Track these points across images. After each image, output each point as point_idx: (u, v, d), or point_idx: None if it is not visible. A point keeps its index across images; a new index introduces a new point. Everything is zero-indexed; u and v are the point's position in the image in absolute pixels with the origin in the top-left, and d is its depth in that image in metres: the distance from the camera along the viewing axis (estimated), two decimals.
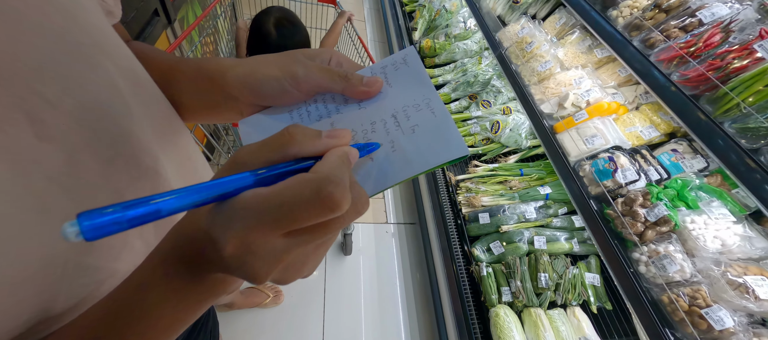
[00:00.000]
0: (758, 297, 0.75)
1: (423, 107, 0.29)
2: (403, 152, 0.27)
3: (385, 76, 0.31)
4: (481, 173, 1.62)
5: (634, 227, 0.96)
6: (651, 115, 1.21)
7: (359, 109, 0.30)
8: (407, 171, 0.26)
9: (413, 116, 0.28)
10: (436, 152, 0.26)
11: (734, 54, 0.81)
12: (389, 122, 0.28)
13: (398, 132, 0.28)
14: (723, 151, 0.79)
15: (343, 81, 0.29)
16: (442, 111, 0.28)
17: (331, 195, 0.18)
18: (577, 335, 1.18)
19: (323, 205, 0.17)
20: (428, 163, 0.26)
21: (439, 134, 0.27)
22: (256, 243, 0.18)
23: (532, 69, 1.44)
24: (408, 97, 0.29)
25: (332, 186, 0.18)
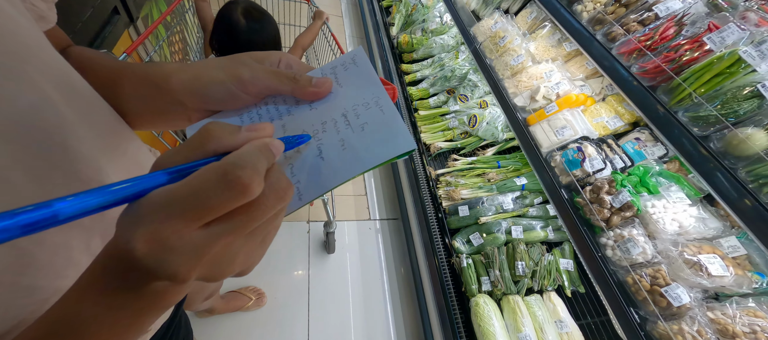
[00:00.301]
0: (711, 274, 0.80)
1: (372, 106, 0.30)
2: (353, 150, 0.28)
3: (335, 76, 0.32)
4: (460, 167, 1.65)
5: (601, 214, 1.01)
6: (616, 106, 1.26)
7: (310, 110, 0.30)
8: (357, 167, 0.27)
9: (363, 115, 0.29)
10: (384, 148, 0.28)
11: (686, 46, 0.86)
12: (340, 121, 0.29)
13: (348, 130, 0.29)
14: (678, 140, 0.84)
15: (291, 82, 0.29)
16: (390, 109, 0.29)
17: (238, 178, 0.18)
18: (553, 319, 1.24)
19: (230, 188, 0.18)
20: (377, 159, 0.27)
21: (388, 131, 0.28)
22: (170, 238, 0.17)
23: (506, 63, 1.48)
24: (358, 97, 0.30)
25: (239, 169, 0.18)
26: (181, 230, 0.18)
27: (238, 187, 0.18)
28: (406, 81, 2.08)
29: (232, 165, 0.18)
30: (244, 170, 0.18)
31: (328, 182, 0.27)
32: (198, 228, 0.18)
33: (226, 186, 0.18)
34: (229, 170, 0.18)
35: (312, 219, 1.81)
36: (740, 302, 0.81)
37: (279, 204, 0.21)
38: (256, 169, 0.19)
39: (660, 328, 0.86)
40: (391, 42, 2.31)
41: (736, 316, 0.78)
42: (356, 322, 1.56)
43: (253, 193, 0.19)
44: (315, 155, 0.28)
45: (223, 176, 0.18)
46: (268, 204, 0.20)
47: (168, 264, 0.18)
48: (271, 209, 0.20)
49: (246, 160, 0.19)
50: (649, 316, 0.89)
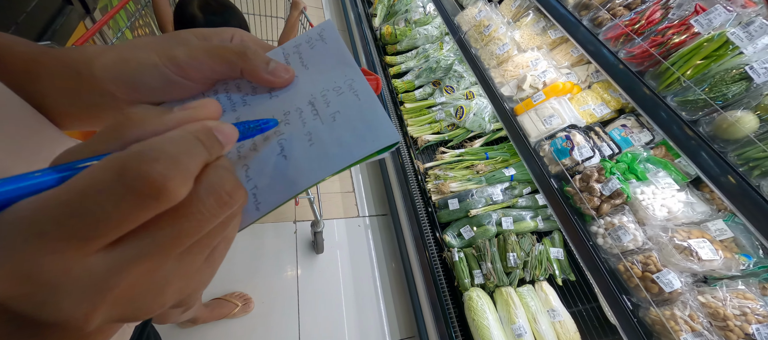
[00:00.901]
0: (701, 258, 0.81)
1: (345, 90, 0.25)
2: (322, 145, 0.23)
3: (299, 56, 0.26)
4: (449, 160, 1.62)
5: (591, 202, 1.00)
6: (602, 93, 1.25)
7: (270, 98, 0.25)
8: (328, 167, 0.22)
9: (334, 102, 0.24)
10: (361, 143, 0.23)
11: (673, 30, 0.85)
12: (306, 111, 0.24)
13: (316, 122, 0.24)
14: (666, 124, 0.83)
15: (240, 60, 0.23)
16: (367, 94, 0.24)
17: (144, 175, 0.13)
18: (546, 308, 1.24)
19: (132, 191, 0.12)
20: (352, 156, 0.22)
21: (365, 121, 0.23)
22: (45, 271, 0.12)
23: (491, 52, 1.45)
24: (327, 80, 0.25)
25: (146, 162, 0.13)
26: (65, 257, 0.12)
27: (144, 189, 0.13)
28: (390, 73, 2.03)
29: (137, 156, 0.13)
30: (156, 163, 0.13)
31: (293, 186, 0.22)
32: (95, 251, 0.13)
33: (127, 188, 0.12)
34: (129, 163, 0.13)
35: (298, 219, 1.75)
36: (730, 284, 0.81)
37: (222, 211, 0.16)
38: (175, 161, 0.14)
39: (652, 314, 0.86)
40: (374, 34, 2.25)
41: (726, 299, 0.79)
42: (349, 321, 1.53)
43: (171, 196, 0.13)
44: (276, 153, 0.23)
45: (121, 173, 0.12)
46: (205, 212, 0.15)
47: (50, 308, 0.13)
48: (209, 218, 0.15)
49: (160, 148, 0.14)
50: (641, 302, 0.89)
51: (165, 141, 0.14)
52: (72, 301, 0.13)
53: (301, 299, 1.53)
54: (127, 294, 0.14)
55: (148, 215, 0.13)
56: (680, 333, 0.80)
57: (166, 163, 0.13)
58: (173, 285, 0.16)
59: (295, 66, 0.26)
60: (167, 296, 0.16)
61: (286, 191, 0.22)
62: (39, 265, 0.12)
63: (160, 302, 0.16)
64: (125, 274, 0.14)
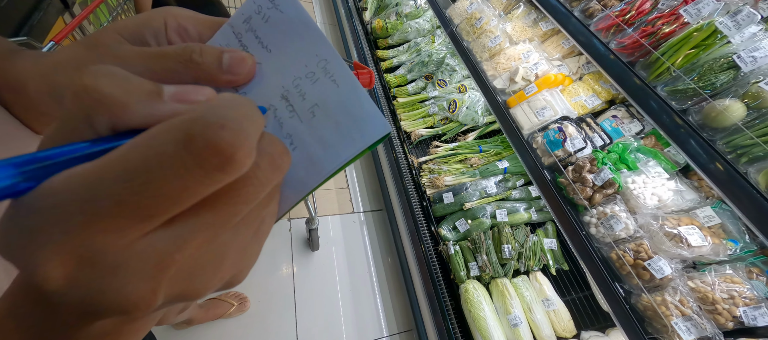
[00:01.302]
0: (690, 245, 0.82)
1: (320, 76, 0.20)
2: (305, 149, 0.19)
3: (255, 35, 0.21)
4: (442, 153, 1.62)
5: (584, 192, 1.02)
6: (593, 84, 1.27)
7: (238, 94, 0.21)
8: (315, 174, 0.19)
9: (310, 93, 0.20)
10: (347, 141, 0.19)
11: (663, 19, 0.86)
12: (280, 108, 0.20)
13: (294, 120, 0.20)
14: (656, 114, 0.84)
15: (187, 68, 0.19)
16: (346, 77, 0.20)
17: (212, 145, 0.11)
18: (540, 298, 1.26)
19: (200, 161, 0.11)
20: (340, 158, 0.19)
21: (348, 114, 0.19)
22: (108, 253, 0.11)
23: (483, 45, 1.45)
24: (297, 64, 0.20)
25: (213, 130, 0.11)
26: (126, 237, 0.11)
27: (213, 160, 0.11)
28: (382, 68, 2.02)
29: (202, 122, 0.11)
30: (223, 130, 0.11)
31: (283, 203, 0.19)
32: (157, 227, 0.12)
33: (194, 160, 0.11)
34: (194, 130, 0.11)
35: (293, 217, 1.74)
36: (718, 269, 0.83)
37: (275, 176, 0.15)
38: (241, 127, 0.12)
39: (644, 300, 0.88)
40: (365, 28, 2.23)
41: (714, 283, 0.81)
42: (346, 317, 1.53)
43: (240, 167, 0.12)
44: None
45: (187, 144, 0.11)
46: (262, 176, 0.14)
47: (115, 292, 0.11)
48: (266, 183, 0.14)
49: (224, 114, 0.12)
50: (633, 289, 0.91)
51: (225, 104, 0.13)
52: (135, 282, 0.12)
53: (297, 297, 1.52)
54: (184, 270, 0.13)
55: (214, 188, 0.12)
56: (671, 318, 0.82)
57: (233, 130, 0.12)
58: (229, 258, 0.15)
59: (254, 50, 0.21)
60: (225, 270, 0.15)
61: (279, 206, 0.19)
62: (100, 246, 0.11)
63: (220, 276, 0.15)
64: (187, 248, 0.13)
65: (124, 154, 0.11)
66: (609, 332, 1.20)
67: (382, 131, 0.19)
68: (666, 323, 0.81)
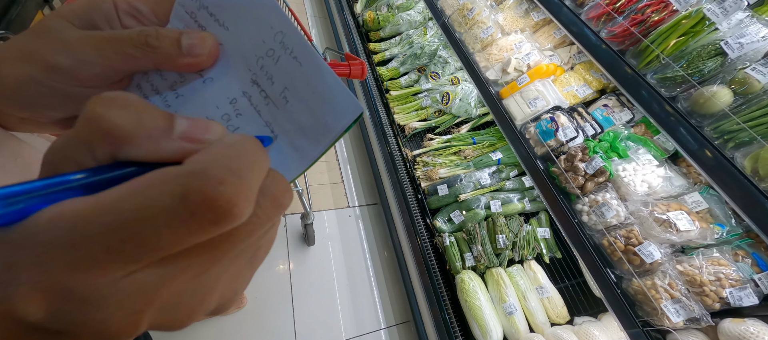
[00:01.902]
0: (679, 229, 0.84)
1: (279, 53, 0.18)
2: (287, 137, 0.18)
3: (208, 12, 0.19)
4: (436, 146, 1.62)
5: (576, 181, 1.03)
6: (584, 74, 1.27)
7: (204, 83, 0.19)
8: (301, 161, 0.18)
9: (276, 74, 0.18)
10: (321, 125, 0.18)
11: (653, 7, 0.87)
12: (254, 94, 0.19)
13: (270, 107, 0.19)
14: (646, 102, 0.85)
15: (145, 53, 0.17)
16: (307, 53, 0.18)
17: (210, 201, 0.11)
18: (534, 286, 1.28)
19: (195, 216, 0.11)
20: (319, 144, 0.18)
21: (317, 95, 0.18)
22: (91, 290, 0.11)
23: (475, 36, 1.44)
24: (256, 42, 0.19)
25: (212, 186, 0.11)
26: (112, 276, 0.11)
27: (209, 215, 0.11)
28: (375, 61, 2.00)
29: (201, 177, 0.11)
30: (222, 185, 0.11)
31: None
32: (145, 267, 0.12)
33: (189, 214, 0.11)
34: (192, 186, 0.11)
35: (288, 212, 1.73)
36: (705, 253, 0.86)
37: (277, 214, 0.15)
38: (241, 180, 0.12)
39: (635, 284, 0.90)
40: (356, 20, 2.20)
41: (702, 266, 0.83)
42: (343, 310, 1.54)
43: (237, 219, 0.12)
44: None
45: (183, 198, 0.11)
46: (263, 216, 0.14)
47: (97, 324, 0.11)
48: (265, 222, 0.14)
49: (225, 165, 0.12)
50: (624, 274, 0.93)
51: (228, 155, 0.12)
52: (118, 316, 0.12)
53: (294, 292, 1.53)
54: (172, 300, 0.13)
55: (210, 237, 0.12)
56: (660, 301, 0.84)
57: (232, 185, 0.12)
58: (218, 288, 0.15)
59: (211, 29, 0.19)
60: (212, 300, 0.15)
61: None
62: (83, 285, 0.11)
63: (206, 306, 0.15)
64: (174, 283, 0.13)
65: (117, 201, 0.11)
66: (601, 317, 1.23)
67: (354, 112, 0.18)
68: (656, 306, 0.83)
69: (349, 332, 1.50)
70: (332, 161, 2.02)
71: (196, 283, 0.14)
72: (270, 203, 0.14)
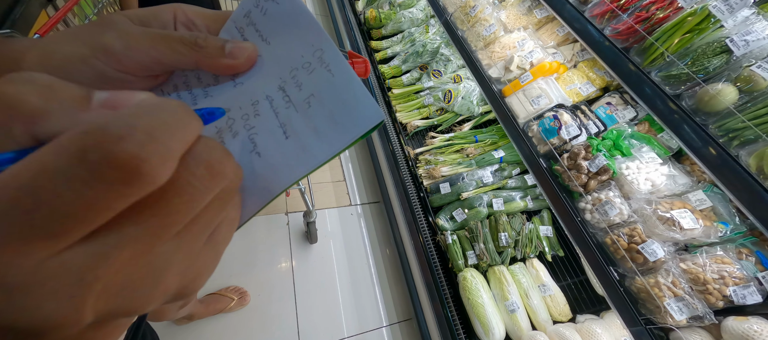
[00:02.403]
0: (683, 228, 0.84)
1: (315, 66, 0.21)
2: (298, 138, 0.20)
3: (255, 28, 0.22)
4: (439, 144, 1.62)
5: (579, 179, 1.03)
6: (587, 72, 1.27)
7: (235, 87, 0.21)
8: (307, 162, 0.19)
9: (306, 83, 0.21)
10: (340, 130, 0.19)
11: (657, 5, 0.86)
12: (277, 98, 0.21)
13: (290, 110, 0.20)
14: (650, 99, 0.85)
15: (191, 50, 0.19)
16: (342, 67, 0.20)
17: (111, 157, 0.10)
18: (536, 284, 1.28)
19: (99, 175, 0.10)
20: (332, 148, 0.19)
21: (342, 103, 0.20)
22: (9, 275, 0.10)
23: (478, 34, 1.44)
24: (294, 55, 0.21)
25: (112, 141, 0.10)
26: (31, 257, 0.10)
27: (115, 174, 0.10)
28: (376, 59, 2.00)
29: (99, 133, 0.11)
30: (124, 141, 0.11)
31: (272, 187, 0.19)
32: (69, 245, 0.11)
33: (91, 174, 0.10)
34: (88, 142, 0.10)
35: (290, 210, 1.74)
36: (709, 251, 0.86)
37: (215, 183, 0.14)
38: (150, 136, 0.11)
39: (638, 283, 0.90)
40: (358, 18, 2.20)
41: (706, 264, 0.83)
42: (346, 308, 1.54)
43: (149, 179, 0.11)
44: (248, 151, 0.20)
45: (80, 157, 0.10)
46: (197, 184, 0.13)
47: (32, 312, 0.11)
48: (203, 191, 0.13)
49: (129, 122, 0.11)
50: (627, 272, 0.93)
51: (138, 112, 0.12)
52: (53, 300, 0.11)
53: (297, 290, 1.53)
54: (119, 283, 0.12)
55: (126, 202, 0.11)
56: (663, 299, 0.84)
57: (139, 140, 0.11)
58: (173, 269, 0.14)
59: (254, 41, 0.22)
60: (168, 282, 0.14)
61: (264, 193, 0.19)
62: (3, 267, 0.10)
63: (162, 288, 0.14)
64: (111, 261, 0.12)
65: (14, 174, 0.10)
66: (603, 315, 1.23)
67: (374, 120, 0.19)
68: (659, 304, 0.83)
69: (351, 329, 1.50)
70: (334, 160, 2.03)
71: (142, 263, 0.13)
72: (204, 169, 0.13)
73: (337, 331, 1.49)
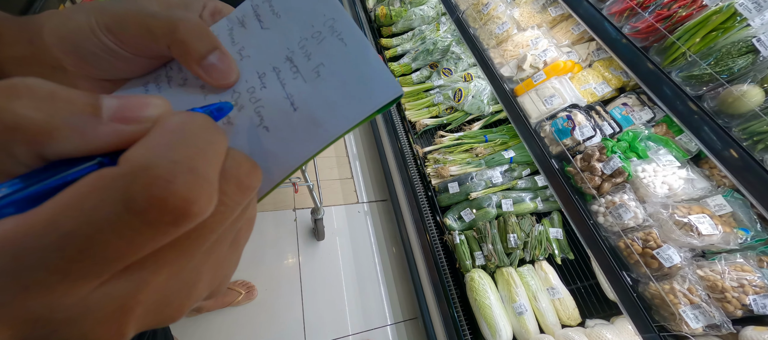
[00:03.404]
0: (701, 233, 0.82)
1: (326, 35, 0.19)
2: (308, 110, 0.18)
3: (269, 4, 0.21)
4: (448, 143, 1.61)
5: (592, 181, 1.01)
6: (603, 72, 1.24)
7: (241, 59, 0.21)
8: (319, 137, 0.18)
9: (315, 52, 0.19)
10: (354, 102, 0.18)
11: (680, 2, 0.83)
12: (284, 69, 0.19)
13: (297, 81, 0.19)
14: (670, 100, 0.82)
15: (166, 39, 0.18)
16: (354, 36, 0.19)
17: (160, 203, 0.10)
18: (545, 287, 1.26)
19: (147, 222, 0.10)
20: (347, 120, 0.18)
21: (356, 73, 0.18)
22: (56, 311, 0.10)
23: (490, 32, 1.42)
24: (304, 25, 0.20)
25: (159, 186, 0.10)
26: (75, 293, 0.10)
27: (163, 218, 0.10)
28: (386, 56, 1.99)
29: (143, 177, 0.10)
30: (172, 183, 0.10)
31: (282, 163, 0.18)
32: (110, 279, 0.11)
33: (140, 221, 0.10)
34: (134, 190, 0.10)
35: (298, 207, 1.74)
36: (728, 258, 0.83)
37: (244, 197, 0.14)
38: (193, 172, 0.11)
39: (652, 288, 0.87)
40: (368, 15, 2.19)
41: (724, 271, 0.80)
42: (352, 304, 1.55)
43: (197, 218, 0.11)
44: (255, 125, 0.18)
45: (127, 204, 0.10)
46: (229, 202, 0.13)
47: (70, 339, 0.11)
48: (233, 208, 0.13)
49: (171, 157, 0.11)
50: (640, 278, 0.91)
51: (175, 143, 0.11)
52: (98, 328, 0.11)
53: (304, 286, 1.54)
54: (156, 300, 0.13)
55: (172, 237, 0.11)
56: (679, 306, 0.82)
57: (185, 181, 0.10)
58: (203, 278, 0.14)
59: (265, 17, 0.21)
60: (200, 290, 0.14)
61: (276, 170, 0.18)
62: (46, 308, 0.10)
63: (194, 298, 0.14)
64: (150, 286, 0.12)
65: (53, 220, 0.10)
66: (614, 320, 1.20)
67: (392, 93, 0.18)
68: (674, 310, 0.81)
69: (357, 326, 1.50)
70: (342, 157, 2.03)
71: (177, 280, 0.13)
72: (235, 188, 0.13)
73: (343, 327, 1.49)
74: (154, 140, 0.11)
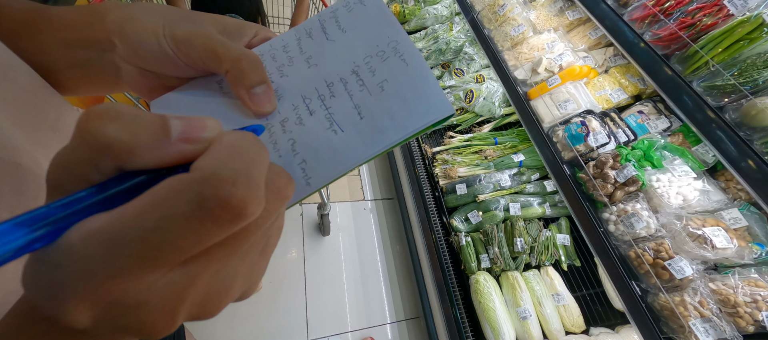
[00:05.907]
0: (715, 246, 0.80)
1: (389, 55, 0.23)
2: (372, 119, 0.21)
3: (336, 20, 0.25)
4: (457, 144, 1.60)
5: (605, 189, 0.99)
6: (619, 78, 1.22)
7: (309, 68, 0.24)
8: (380, 142, 0.21)
9: (379, 69, 0.22)
10: (413, 115, 0.21)
11: (705, 11, 0.82)
12: (350, 81, 0.23)
13: (363, 93, 0.22)
14: (690, 110, 0.81)
15: (228, 65, 0.21)
16: (415, 58, 0.22)
17: (225, 203, 0.12)
18: (551, 293, 1.25)
19: (213, 218, 0.12)
20: (405, 130, 0.21)
21: (415, 90, 0.22)
22: (131, 296, 0.12)
23: (505, 33, 1.40)
24: (368, 43, 0.23)
25: (224, 188, 0.12)
26: (147, 281, 0.12)
27: (226, 215, 0.12)
28: None
29: (213, 181, 0.12)
30: (233, 186, 0.12)
31: (345, 162, 0.21)
32: (174, 268, 0.13)
33: (208, 216, 0.12)
34: (206, 190, 0.12)
35: (305, 202, 1.75)
36: (742, 272, 0.81)
37: (280, 206, 0.16)
38: (249, 179, 0.13)
39: (662, 300, 0.86)
40: None
41: (737, 286, 0.79)
42: (354, 301, 1.55)
43: (250, 217, 0.13)
44: (325, 128, 0.22)
45: (200, 203, 0.12)
46: (270, 209, 0.15)
47: (139, 325, 0.13)
48: (271, 214, 0.15)
49: (233, 166, 0.13)
50: (650, 288, 0.90)
51: (234, 156, 0.13)
52: (157, 316, 0.13)
53: (307, 280, 1.55)
54: (202, 296, 0.15)
55: (226, 235, 0.13)
56: (689, 319, 0.81)
57: (243, 185, 0.13)
58: (238, 281, 0.16)
59: (330, 30, 0.24)
60: (234, 292, 0.16)
61: (338, 166, 0.21)
62: (122, 293, 0.12)
63: (229, 298, 0.16)
64: (201, 280, 0.14)
65: (139, 213, 0.12)
66: (619, 330, 1.19)
67: (445, 112, 0.21)
68: (683, 323, 0.80)
69: (358, 322, 1.51)
70: None
71: (219, 277, 0.15)
72: (274, 196, 0.15)
73: (344, 323, 1.50)
74: (217, 153, 0.13)
